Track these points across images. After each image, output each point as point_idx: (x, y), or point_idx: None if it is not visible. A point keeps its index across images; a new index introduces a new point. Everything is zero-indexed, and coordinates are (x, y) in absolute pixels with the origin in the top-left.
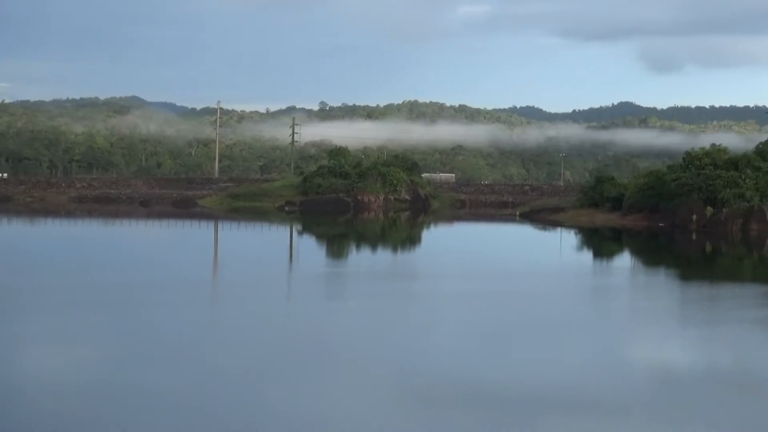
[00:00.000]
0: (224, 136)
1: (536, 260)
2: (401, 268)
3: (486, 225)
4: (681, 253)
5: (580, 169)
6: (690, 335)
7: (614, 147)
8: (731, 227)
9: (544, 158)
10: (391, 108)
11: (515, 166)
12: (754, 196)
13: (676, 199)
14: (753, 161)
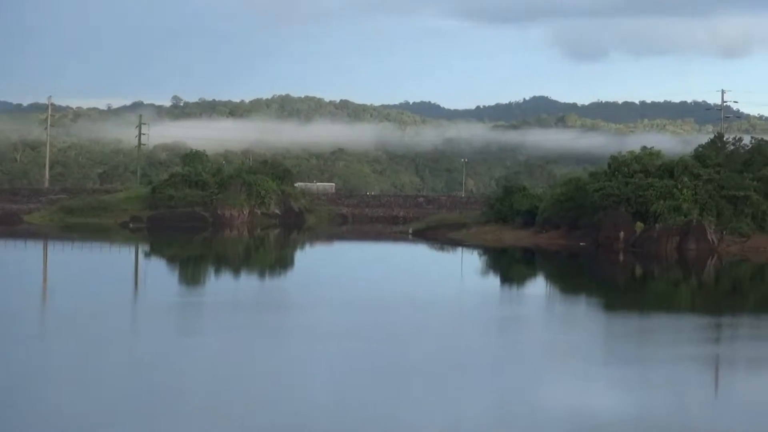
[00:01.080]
0: (56, 137)
1: (432, 287)
2: (268, 297)
3: (372, 244)
4: (605, 278)
5: (486, 177)
6: (616, 376)
7: (526, 150)
8: (665, 246)
9: (442, 164)
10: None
11: (407, 174)
12: (692, 209)
13: (600, 213)
14: (691, 167)
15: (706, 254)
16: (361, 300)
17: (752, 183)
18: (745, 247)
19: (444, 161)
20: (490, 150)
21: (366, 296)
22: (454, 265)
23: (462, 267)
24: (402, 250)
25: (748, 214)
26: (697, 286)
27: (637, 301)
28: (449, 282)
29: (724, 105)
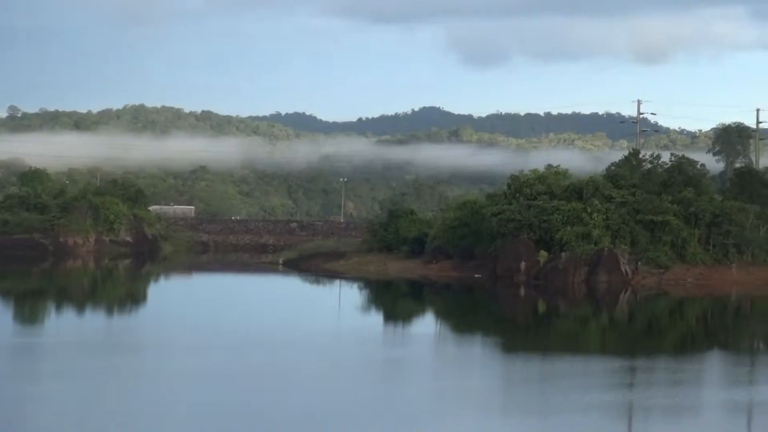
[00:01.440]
0: None
1: (305, 325)
2: (116, 337)
3: (237, 277)
4: (504, 314)
5: (368, 199)
6: (516, 428)
7: (415, 169)
8: (573, 278)
9: (318, 184)
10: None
11: (278, 196)
12: (603, 236)
13: (498, 241)
14: (603, 188)
15: (618, 287)
16: (222, 341)
17: (671, 206)
18: (663, 279)
19: (320, 181)
20: (374, 168)
21: (228, 336)
22: (331, 301)
23: (340, 302)
24: (271, 283)
25: (667, 241)
26: (608, 324)
27: (540, 342)
28: (325, 320)
29: (641, 117)
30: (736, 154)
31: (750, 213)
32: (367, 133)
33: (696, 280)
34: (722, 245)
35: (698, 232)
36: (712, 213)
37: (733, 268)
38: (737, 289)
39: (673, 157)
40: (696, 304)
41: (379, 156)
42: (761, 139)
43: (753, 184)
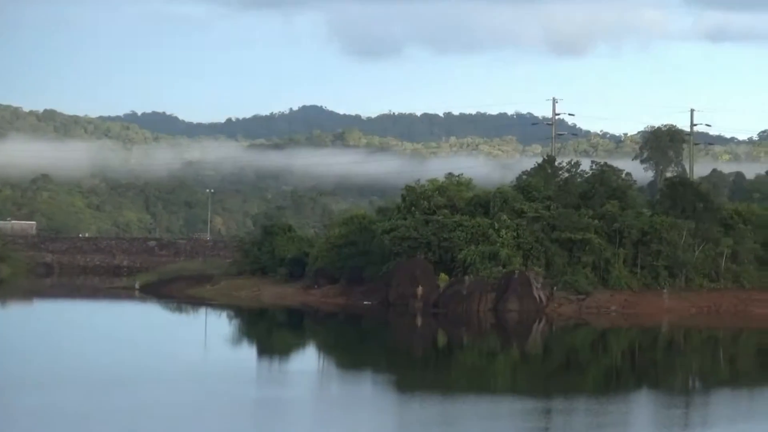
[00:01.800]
0: None
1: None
2: None
3: (86, 304)
4: (398, 348)
5: (239, 213)
6: None
7: (293, 178)
8: (478, 306)
9: (180, 196)
10: None
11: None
12: (513, 256)
13: (391, 262)
14: (513, 201)
15: (531, 316)
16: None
17: (592, 222)
18: (583, 306)
19: (183, 192)
20: (246, 177)
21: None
22: (196, 332)
23: (206, 334)
24: (126, 312)
25: (587, 263)
26: (519, 359)
27: (439, 379)
28: (189, 354)
29: (557, 118)
30: (667, 161)
31: (683, 230)
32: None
33: (621, 308)
34: (652, 267)
35: (624, 252)
36: (639, 230)
37: (664, 294)
38: (669, 318)
39: (594, 164)
40: (621, 335)
41: (252, 163)
42: (696, 144)
43: (687, 197)
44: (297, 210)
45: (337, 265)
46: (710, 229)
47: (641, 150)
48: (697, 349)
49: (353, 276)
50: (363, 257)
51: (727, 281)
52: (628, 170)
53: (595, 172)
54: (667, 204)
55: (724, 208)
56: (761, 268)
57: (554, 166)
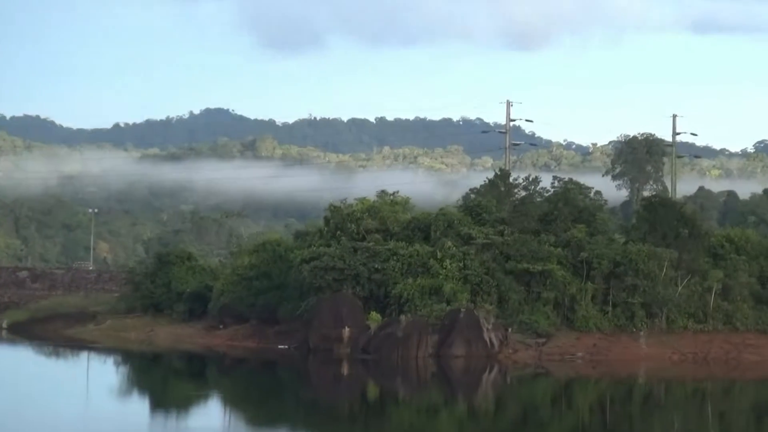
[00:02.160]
0: None
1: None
2: None
3: None
4: (320, 402)
5: (128, 238)
6: None
7: (193, 196)
8: (417, 351)
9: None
10: None
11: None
12: (459, 291)
13: (312, 298)
14: (459, 225)
15: (481, 364)
16: None
17: (554, 250)
18: (543, 352)
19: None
20: (136, 195)
21: None
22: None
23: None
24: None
25: (549, 300)
26: (466, 416)
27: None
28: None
29: (511, 125)
30: (644, 177)
31: (664, 261)
32: (126, 146)
33: (589, 354)
34: (626, 306)
35: (592, 287)
36: (611, 260)
37: (640, 337)
38: (647, 366)
39: (556, 181)
40: (589, 387)
41: (144, 177)
42: (679, 157)
43: (668, 220)
44: (198, 234)
45: (246, 302)
46: (696, 259)
47: (613, 164)
48: (680, 405)
49: (266, 314)
50: (278, 292)
51: (716, 322)
52: (598, 188)
53: (558, 191)
54: (644, 229)
55: (713, 234)
56: (757, 306)
57: (509, 183)
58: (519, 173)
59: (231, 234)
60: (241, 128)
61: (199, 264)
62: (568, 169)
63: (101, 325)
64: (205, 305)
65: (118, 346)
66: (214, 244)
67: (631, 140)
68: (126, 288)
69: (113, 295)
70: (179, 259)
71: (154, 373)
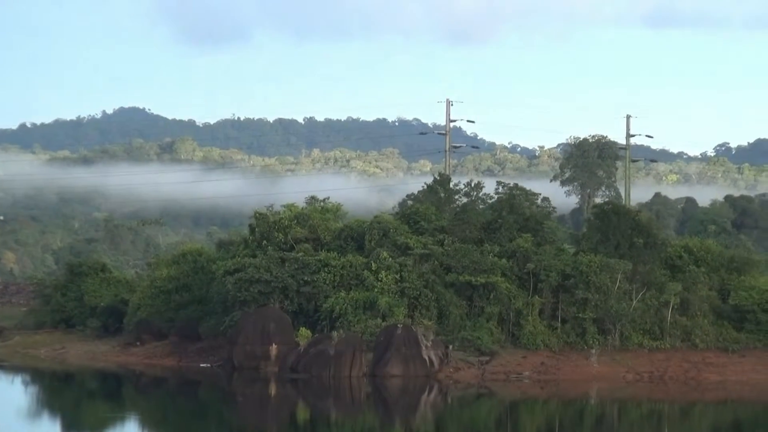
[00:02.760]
0: None
1: None
2: None
3: None
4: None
5: (36, 247)
6: None
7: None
8: (350, 370)
9: None
10: None
11: None
12: (396, 306)
13: (237, 313)
14: (395, 234)
15: (419, 384)
16: None
17: (499, 261)
18: (486, 371)
19: None
20: (45, 201)
21: None
22: None
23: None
24: None
25: (493, 315)
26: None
27: None
28: None
29: (452, 126)
30: (596, 183)
31: (617, 273)
32: (34, 147)
33: (537, 373)
34: (576, 321)
35: (540, 301)
36: (560, 272)
37: (592, 355)
38: (599, 387)
39: (501, 186)
40: (536, 409)
41: (54, 182)
42: (634, 161)
43: (622, 229)
44: (113, 244)
45: (165, 317)
46: (652, 271)
47: (562, 168)
48: (634, 428)
49: (187, 330)
50: (199, 306)
51: (674, 339)
52: (546, 194)
53: (503, 197)
54: (596, 238)
55: (671, 244)
56: (718, 322)
57: (449, 189)
58: (460, 178)
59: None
60: (159, 129)
61: (113, 276)
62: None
63: (8, 342)
64: (121, 320)
65: (26, 364)
66: (130, 254)
67: (581, 143)
68: (35, 301)
69: (21, 309)
70: (92, 271)
71: (66, 394)
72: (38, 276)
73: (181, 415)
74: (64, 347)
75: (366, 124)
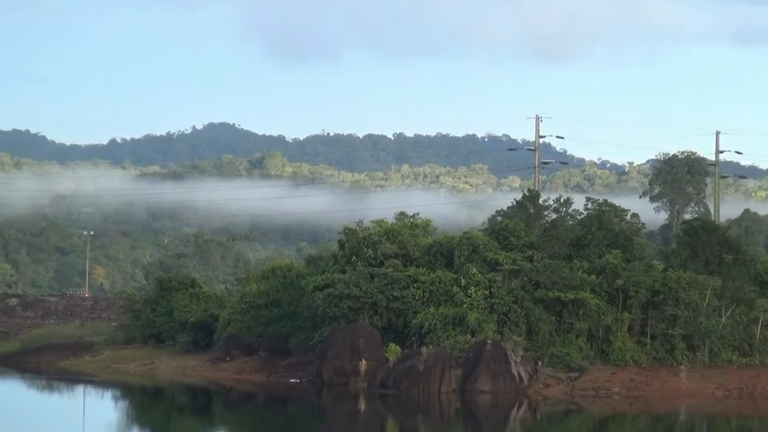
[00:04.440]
0: None
1: None
2: None
3: None
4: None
5: (126, 262)
6: None
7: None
8: (440, 386)
9: (50, 240)
10: None
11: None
12: (485, 321)
13: (326, 329)
14: (484, 250)
15: (509, 400)
16: None
17: (588, 278)
18: (576, 387)
19: (53, 235)
20: (135, 216)
21: None
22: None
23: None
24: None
25: (582, 331)
26: None
27: None
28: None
29: (541, 143)
30: (685, 199)
31: (707, 289)
32: (124, 163)
33: (626, 389)
34: (665, 337)
35: (629, 317)
36: (649, 288)
37: (681, 371)
38: (688, 403)
39: (590, 202)
40: (626, 425)
41: (143, 197)
42: (723, 177)
43: (711, 245)
44: (202, 259)
45: (255, 332)
46: (742, 287)
47: (651, 184)
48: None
49: (276, 346)
50: (289, 321)
51: (763, 356)
52: (635, 210)
53: (592, 213)
54: (685, 254)
55: (760, 260)
56: None
57: (538, 205)
58: (549, 194)
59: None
60: (248, 144)
61: (203, 291)
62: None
63: (98, 357)
64: (210, 335)
65: (116, 379)
66: (219, 269)
67: (670, 159)
68: (125, 317)
69: (111, 324)
70: (182, 286)
71: (156, 409)
72: (128, 291)
73: (270, 430)
74: (153, 362)
75: (455, 140)
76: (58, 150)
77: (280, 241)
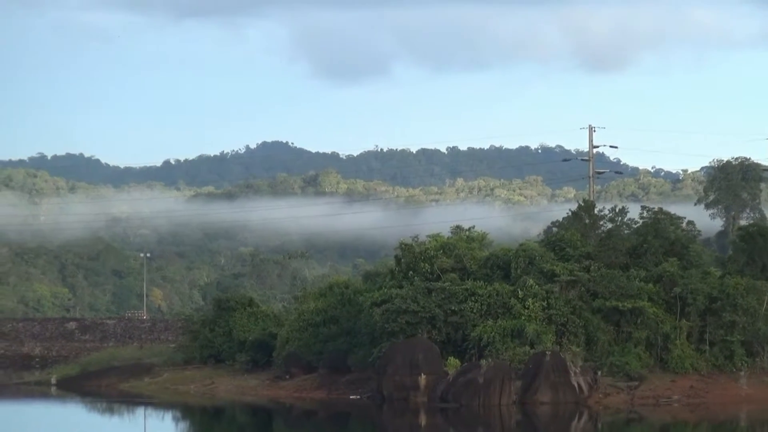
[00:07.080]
0: None
1: None
2: None
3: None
4: None
5: (183, 283)
6: None
7: (253, 237)
8: (500, 398)
9: (106, 263)
10: None
11: (46, 281)
12: (544, 332)
13: (385, 344)
14: (541, 261)
15: (569, 410)
16: None
17: (645, 286)
18: (636, 396)
19: (110, 258)
20: (190, 237)
21: None
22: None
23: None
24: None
25: (641, 340)
26: None
27: None
28: None
29: (595, 153)
30: (740, 205)
31: (765, 294)
32: (178, 184)
33: (686, 396)
34: (724, 344)
35: (687, 324)
36: (707, 296)
37: (741, 378)
38: (749, 409)
39: (645, 211)
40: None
41: (198, 218)
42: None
43: (767, 250)
44: (259, 278)
45: (314, 350)
46: None
47: (706, 191)
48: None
49: (335, 363)
50: (348, 338)
51: None
52: (690, 218)
53: (647, 221)
54: (742, 261)
55: None
56: None
57: (593, 215)
58: (604, 204)
59: (294, 277)
60: (302, 162)
61: (261, 310)
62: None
63: (158, 378)
64: (270, 354)
65: (176, 400)
66: (276, 288)
67: (724, 165)
68: (183, 337)
69: (169, 345)
70: (240, 305)
71: (217, 429)
72: (186, 312)
73: None
74: (213, 382)
75: (509, 152)
76: (112, 173)
77: (336, 258)
